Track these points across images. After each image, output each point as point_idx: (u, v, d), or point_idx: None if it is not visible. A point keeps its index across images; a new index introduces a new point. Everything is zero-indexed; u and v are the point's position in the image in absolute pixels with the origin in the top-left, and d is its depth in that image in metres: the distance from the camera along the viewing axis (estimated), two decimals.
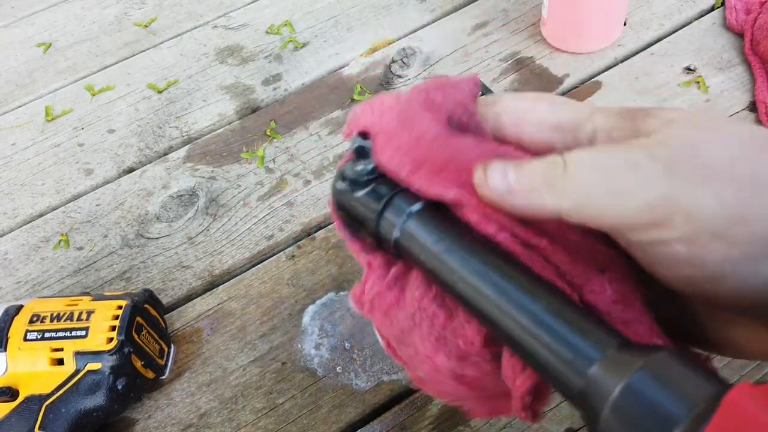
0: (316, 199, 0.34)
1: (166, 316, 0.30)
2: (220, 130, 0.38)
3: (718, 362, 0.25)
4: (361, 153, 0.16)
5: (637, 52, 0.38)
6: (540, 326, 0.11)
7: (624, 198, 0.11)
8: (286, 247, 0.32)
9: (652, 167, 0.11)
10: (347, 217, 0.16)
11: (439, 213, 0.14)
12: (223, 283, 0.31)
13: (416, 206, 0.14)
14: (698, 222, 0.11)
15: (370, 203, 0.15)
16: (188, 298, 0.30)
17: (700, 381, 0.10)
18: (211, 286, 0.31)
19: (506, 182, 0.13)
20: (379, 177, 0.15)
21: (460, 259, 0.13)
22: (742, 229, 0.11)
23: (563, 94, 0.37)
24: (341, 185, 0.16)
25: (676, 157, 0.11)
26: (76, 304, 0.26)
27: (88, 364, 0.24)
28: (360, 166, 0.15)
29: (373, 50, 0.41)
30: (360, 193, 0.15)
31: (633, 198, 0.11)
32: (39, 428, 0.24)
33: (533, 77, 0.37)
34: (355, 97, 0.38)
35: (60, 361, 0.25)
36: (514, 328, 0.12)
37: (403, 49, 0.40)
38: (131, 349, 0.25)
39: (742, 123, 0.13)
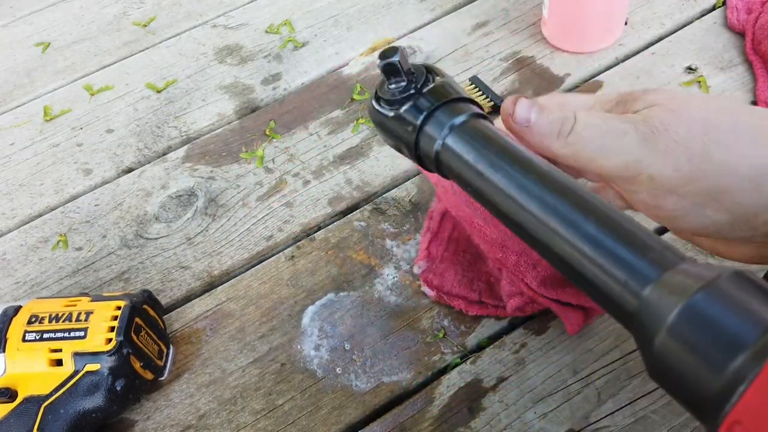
0: (315, 199, 0.33)
1: (165, 316, 0.29)
2: (219, 129, 0.38)
3: None
4: (390, 71, 0.16)
5: (638, 52, 0.37)
6: (590, 244, 0.11)
7: (609, 156, 0.16)
8: (286, 248, 0.32)
9: (634, 137, 0.16)
10: (388, 138, 0.16)
11: (484, 125, 0.15)
12: (222, 284, 0.31)
13: (459, 118, 0.15)
14: (657, 182, 0.15)
15: (408, 119, 0.15)
16: (187, 298, 0.30)
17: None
18: (210, 286, 0.31)
19: (528, 119, 0.17)
20: (415, 93, 0.15)
21: (505, 174, 0.13)
22: (689, 187, 0.15)
23: None
24: (376, 106, 0.16)
25: (651, 132, 0.15)
26: (74, 305, 0.26)
27: (87, 365, 0.24)
28: (392, 85, 0.16)
29: (373, 50, 0.41)
30: (397, 111, 0.15)
31: (615, 157, 0.16)
32: (38, 429, 0.24)
33: (534, 77, 0.37)
34: (355, 96, 0.38)
35: (59, 362, 0.25)
36: (562, 246, 0.11)
37: (404, 48, 0.40)
38: (130, 350, 0.25)
39: (709, 103, 0.16)
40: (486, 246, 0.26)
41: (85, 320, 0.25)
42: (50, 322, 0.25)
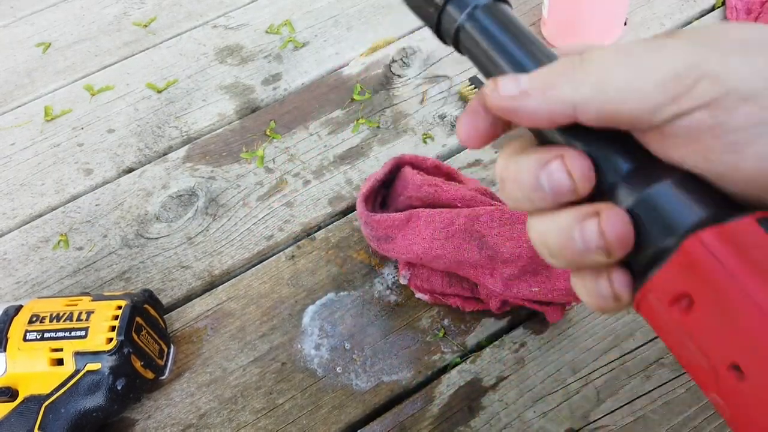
0: (315, 199, 0.34)
1: (166, 316, 0.29)
2: (220, 130, 0.38)
3: None
4: None
5: None
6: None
7: (647, 73, 0.11)
8: (286, 248, 0.32)
9: (680, 43, 0.11)
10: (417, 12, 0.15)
11: (508, 9, 0.14)
12: (222, 284, 0.31)
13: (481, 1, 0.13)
14: (727, 84, 0.10)
15: None
16: (188, 298, 0.30)
17: (694, 206, 0.11)
18: (210, 286, 0.31)
19: (518, 87, 0.12)
20: None
21: (525, 53, 0.12)
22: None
23: None
24: None
25: (705, 36, 0.11)
26: (75, 305, 0.26)
27: (88, 365, 0.24)
28: None
29: (373, 50, 0.41)
30: None
31: (657, 71, 0.11)
32: (38, 428, 0.24)
33: None
34: (355, 96, 0.38)
35: (59, 362, 0.25)
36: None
37: (404, 48, 0.40)
38: (131, 350, 0.25)
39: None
40: (445, 265, 0.26)
41: (86, 320, 0.25)
42: (51, 321, 0.25)
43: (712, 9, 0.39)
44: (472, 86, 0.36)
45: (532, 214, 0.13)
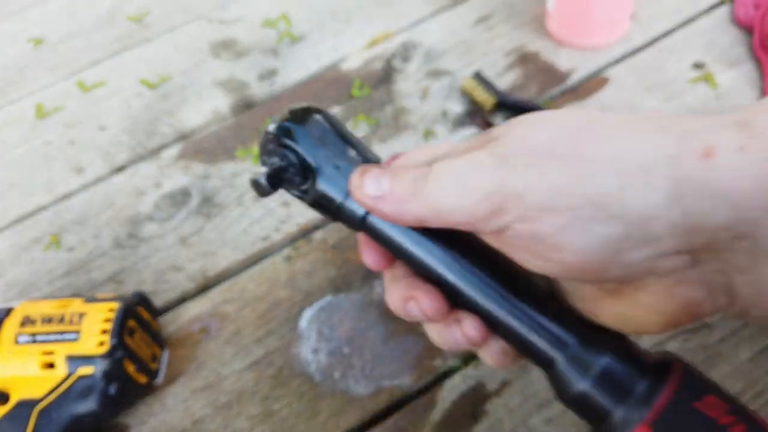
0: None
1: (159, 319, 0.29)
2: (215, 127, 0.37)
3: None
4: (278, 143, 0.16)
5: (644, 47, 0.36)
6: (516, 322, 0.15)
7: (468, 193, 0.13)
8: (282, 249, 0.31)
9: (489, 162, 0.13)
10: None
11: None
12: (217, 286, 0.30)
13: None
14: (527, 200, 0.13)
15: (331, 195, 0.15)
16: (181, 300, 0.30)
17: (639, 378, 0.14)
18: (204, 288, 0.30)
19: (380, 189, 0.14)
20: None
21: (426, 251, 0.15)
22: (563, 199, 0.12)
23: (569, 89, 0.36)
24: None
25: (508, 150, 0.13)
26: (67, 307, 0.25)
27: (80, 369, 0.24)
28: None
29: (373, 44, 0.40)
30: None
31: (474, 192, 0.13)
32: None
33: (538, 72, 0.36)
34: (354, 92, 0.37)
35: (51, 365, 0.24)
36: (500, 320, 0.15)
37: (404, 42, 0.39)
38: (124, 353, 0.24)
39: (573, 111, 0.14)
40: None
41: (78, 322, 0.24)
42: (43, 324, 0.25)
43: (720, 3, 0.38)
44: (476, 82, 0.36)
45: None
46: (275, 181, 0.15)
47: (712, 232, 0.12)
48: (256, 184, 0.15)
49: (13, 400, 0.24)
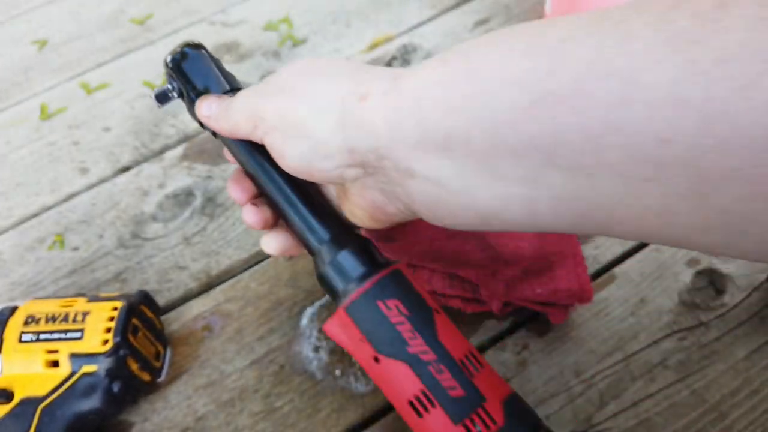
0: None
1: (163, 317, 0.29)
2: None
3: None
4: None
5: None
6: (297, 218, 0.20)
7: (241, 112, 0.19)
8: None
9: (252, 93, 0.19)
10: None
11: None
12: (220, 285, 0.30)
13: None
14: (266, 121, 0.18)
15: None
16: (184, 299, 0.30)
17: (361, 266, 0.19)
18: (207, 287, 0.30)
19: (209, 111, 0.20)
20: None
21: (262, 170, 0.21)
22: (281, 121, 0.18)
23: None
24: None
25: (264, 86, 0.19)
26: (71, 306, 0.25)
27: (84, 367, 0.24)
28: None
29: (373, 46, 0.40)
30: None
31: (243, 111, 0.19)
32: (34, 431, 0.24)
33: None
34: None
35: (55, 363, 0.24)
36: (286, 216, 0.21)
37: (404, 45, 0.40)
38: (127, 352, 0.24)
39: (308, 59, 0.19)
40: (446, 266, 0.26)
41: (82, 321, 0.25)
42: (47, 322, 0.25)
43: None
44: None
45: None
46: (162, 97, 0.22)
47: (364, 153, 0.16)
48: (153, 97, 0.22)
49: (17, 397, 0.24)
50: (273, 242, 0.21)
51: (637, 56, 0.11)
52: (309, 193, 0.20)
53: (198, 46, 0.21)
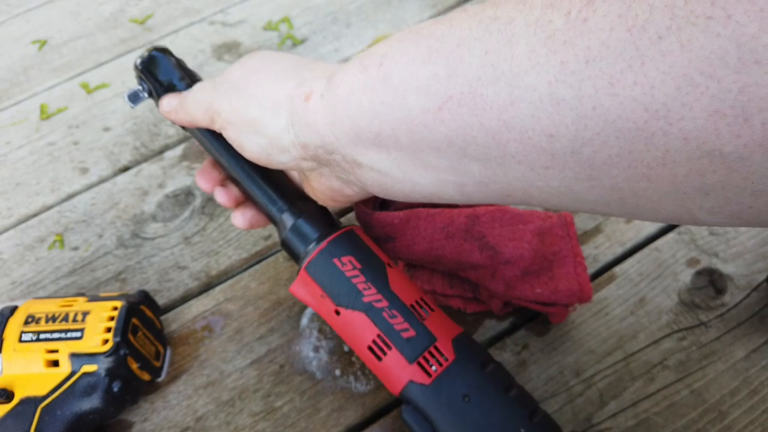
0: None
1: (163, 317, 0.29)
2: None
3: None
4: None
5: None
6: (259, 193, 0.23)
7: (197, 106, 0.21)
8: None
9: (209, 87, 0.21)
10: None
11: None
12: (220, 284, 0.30)
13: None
14: (221, 115, 0.20)
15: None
16: (184, 299, 0.30)
17: (316, 230, 0.22)
18: (207, 287, 0.30)
19: (169, 106, 0.23)
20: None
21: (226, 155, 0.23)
22: (236, 117, 0.20)
23: None
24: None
25: (219, 81, 0.21)
26: (71, 305, 0.25)
27: (84, 366, 0.24)
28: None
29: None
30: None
31: (200, 105, 0.21)
32: (34, 431, 0.24)
33: None
34: None
35: (55, 363, 0.24)
36: (249, 194, 0.23)
37: None
38: (127, 351, 0.24)
39: (259, 55, 0.21)
40: (445, 266, 0.26)
41: (82, 321, 0.25)
42: (47, 322, 0.25)
43: None
44: None
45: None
46: (133, 98, 0.25)
47: (314, 149, 0.18)
48: (126, 98, 0.25)
49: (18, 397, 0.24)
50: (241, 217, 0.24)
51: (519, 60, 0.12)
52: (268, 171, 0.23)
53: (164, 50, 0.24)
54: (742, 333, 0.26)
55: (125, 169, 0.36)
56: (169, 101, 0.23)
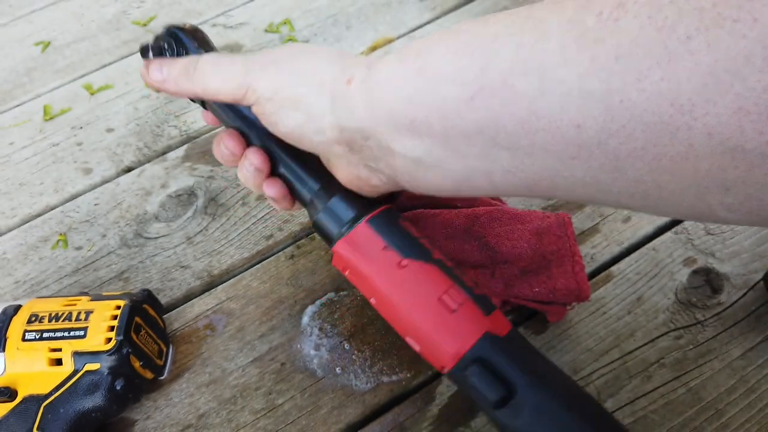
0: None
1: (165, 316, 0.29)
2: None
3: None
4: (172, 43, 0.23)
5: None
6: (294, 178, 0.23)
7: (227, 80, 0.20)
8: (286, 247, 0.32)
9: (240, 63, 0.20)
10: None
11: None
12: (222, 283, 0.31)
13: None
14: (257, 91, 0.20)
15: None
16: (187, 298, 0.30)
17: (349, 211, 0.21)
18: (210, 286, 0.31)
19: (162, 75, 0.21)
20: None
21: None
22: (275, 94, 0.19)
23: None
24: None
25: (254, 58, 0.20)
26: (74, 304, 0.26)
27: (87, 365, 0.24)
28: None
29: (373, 48, 0.41)
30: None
31: (230, 81, 0.20)
32: (37, 428, 0.24)
33: None
34: None
35: (58, 362, 0.24)
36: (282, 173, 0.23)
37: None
38: (130, 350, 0.24)
39: (303, 44, 0.21)
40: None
41: (85, 319, 0.25)
42: (50, 321, 0.25)
43: None
44: None
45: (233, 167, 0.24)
46: (144, 52, 0.23)
47: (351, 133, 0.18)
48: (145, 47, 0.23)
49: (21, 395, 0.24)
50: (273, 187, 0.23)
51: (551, 54, 0.13)
52: (297, 150, 0.22)
53: (197, 29, 0.24)
54: (739, 332, 0.27)
55: (128, 169, 0.36)
56: (160, 70, 0.21)
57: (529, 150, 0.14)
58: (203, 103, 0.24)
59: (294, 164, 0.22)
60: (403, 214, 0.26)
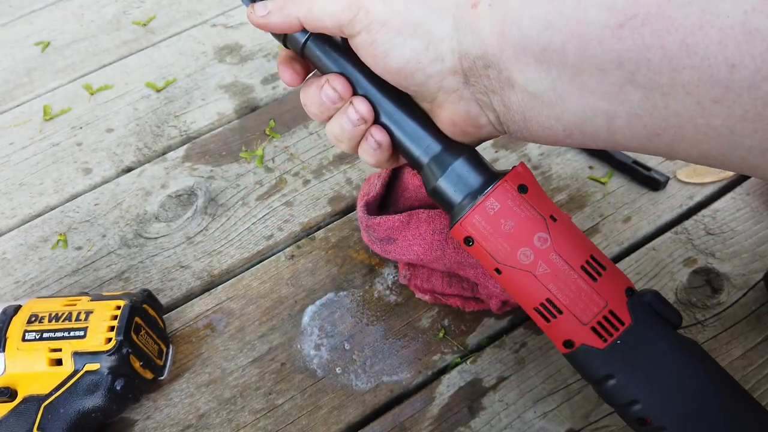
0: (315, 198, 0.33)
1: (165, 316, 0.29)
2: (219, 129, 0.38)
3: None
4: None
5: None
6: (404, 134, 0.21)
7: (334, 4, 0.19)
8: (286, 247, 0.32)
9: None
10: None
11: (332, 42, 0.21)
12: (222, 283, 0.31)
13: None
14: (371, 14, 0.18)
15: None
16: (187, 298, 0.30)
17: (479, 175, 0.20)
18: (210, 286, 0.31)
19: (266, 9, 0.20)
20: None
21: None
22: (394, 18, 0.18)
23: None
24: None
25: None
26: (74, 304, 0.26)
27: (87, 365, 0.24)
28: None
29: None
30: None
31: (339, 3, 0.18)
32: (37, 428, 0.24)
33: None
34: None
35: (58, 362, 0.24)
36: (394, 134, 0.21)
37: None
38: (130, 350, 0.24)
39: None
40: (445, 266, 0.26)
41: (85, 320, 0.25)
42: (50, 321, 0.25)
43: None
44: None
45: (324, 121, 0.22)
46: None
47: (472, 59, 0.17)
48: None
49: (21, 395, 0.24)
50: (382, 132, 0.21)
51: None
52: (409, 101, 0.20)
53: None
54: (739, 332, 0.27)
55: (128, 169, 0.36)
56: (264, 5, 0.20)
57: (668, 90, 0.13)
58: (284, 41, 0.21)
59: (407, 117, 0.20)
60: (402, 215, 0.26)
